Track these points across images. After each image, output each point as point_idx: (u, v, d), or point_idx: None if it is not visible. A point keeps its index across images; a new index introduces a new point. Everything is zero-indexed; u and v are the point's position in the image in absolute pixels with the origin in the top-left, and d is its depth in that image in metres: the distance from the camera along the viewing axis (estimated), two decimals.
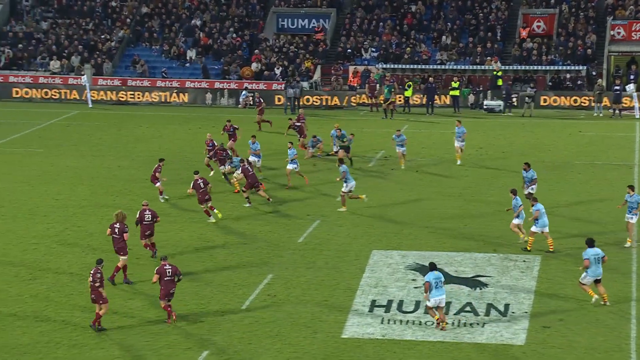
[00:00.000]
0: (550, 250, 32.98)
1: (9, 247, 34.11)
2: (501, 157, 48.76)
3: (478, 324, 27.27)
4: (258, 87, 66.03)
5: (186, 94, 66.41)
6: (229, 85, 66.73)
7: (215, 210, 37.13)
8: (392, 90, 60.69)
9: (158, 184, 39.99)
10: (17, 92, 66.81)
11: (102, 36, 71.61)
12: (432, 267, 27.00)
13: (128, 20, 73.14)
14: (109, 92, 66.63)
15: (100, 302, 26.54)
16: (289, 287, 30.24)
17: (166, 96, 66.24)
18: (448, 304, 27.99)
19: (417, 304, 28.50)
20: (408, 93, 62.98)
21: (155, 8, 74.14)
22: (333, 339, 26.24)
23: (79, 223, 37.01)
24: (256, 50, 69.42)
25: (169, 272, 27.11)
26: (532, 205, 33.28)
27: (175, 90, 66.37)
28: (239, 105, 65.32)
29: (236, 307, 28.60)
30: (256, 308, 28.53)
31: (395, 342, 26.03)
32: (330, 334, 26.48)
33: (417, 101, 63.68)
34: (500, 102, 62.63)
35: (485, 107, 62.98)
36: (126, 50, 71.27)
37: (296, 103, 63.51)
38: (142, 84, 67.13)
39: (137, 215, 32.41)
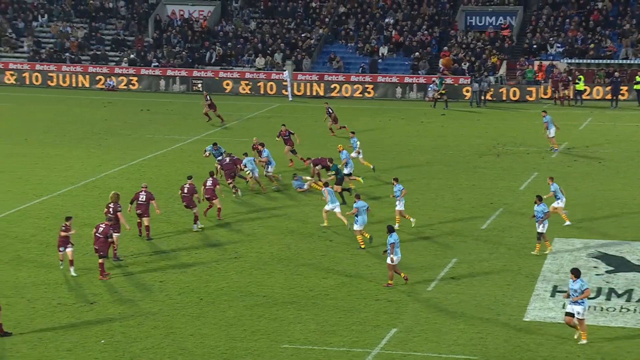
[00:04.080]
0: None
1: (217, 228, 35.09)
2: None
3: None
4: (446, 81, 65.71)
5: (377, 88, 66.76)
6: (417, 80, 66.60)
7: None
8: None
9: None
10: (227, 85, 68.80)
11: (303, 35, 72.78)
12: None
13: (327, 19, 74.05)
14: (307, 87, 67.72)
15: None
16: (473, 271, 29.97)
17: (359, 90, 66.77)
18: (630, 291, 27.08)
19: (599, 291, 27.73)
20: (579, 87, 61.75)
21: (351, 8, 74.79)
22: (515, 321, 25.85)
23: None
24: (445, 47, 69.09)
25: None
26: None
27: (367, 85, 66.76)
28: (427, 99, 65.12)
29: (422, 288, 28.57)
30: (441, 290, 28.41)
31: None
32: (512, 317, 26.10)
33: (599, 96, 62.36)
34: None
35: None
36: (324, 47, 72.19)
37: (482, 97, 62.80)
38: (337, 78, 67.85)
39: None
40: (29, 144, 48.82)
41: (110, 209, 31.37)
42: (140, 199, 32.95)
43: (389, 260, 28.40)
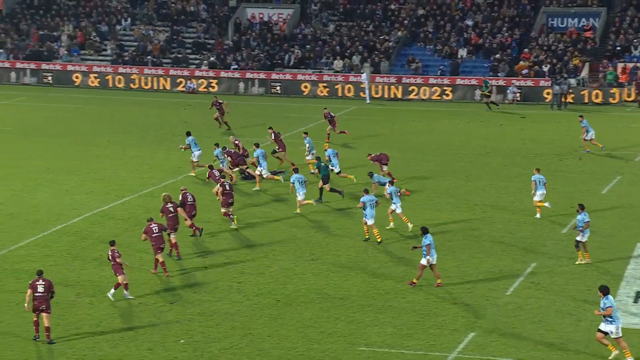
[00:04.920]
0: None
1: (294, 229, 35.22)
2: None
3: None
4: (525, 83, 65.05)
5: (456, 90, 66.32)
6: (497, 82, 65.98)
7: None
8: None
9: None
10: (305, 87, 69.06)
11: (381, 37, 72.68)
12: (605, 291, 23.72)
13: (405, 21, 73.84)
14: (385, 89, 67.60)
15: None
16: (553, 275, 29.57)
17: (438, 92, 66.43)
18: None
19: None
20: None
21: (430, 10, 74.46)
22: (596, 327, 25.41)
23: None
24: (525, 49, 68.34)
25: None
26: None
27: (445, 87, 66.35)
28: (507, 101, 64.46)
29: (501, 292, 28.29)
30: (520, 294, 28.09)
31: None
32: (593, 322, 25.64)
33: None
34: None
35: None
36: (402, 49, 71.97)
37: (562, 99, 61.94)
38: (415, 81, 67.58)
39: (180, 198, 33.06)
40: (111, 146, 49.63)
41: (170, 209, 31.55)
42: (189, 200, 33.28)
43: (423, 261, 28.28)
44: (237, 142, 43.44)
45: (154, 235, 29.54)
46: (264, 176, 40.30)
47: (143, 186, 40.96)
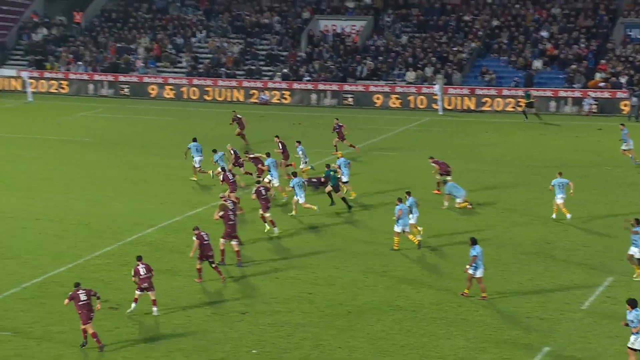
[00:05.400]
0: None
1: (361, 244, 35.17)
2: None
3: None
4: (602, 95, 64.20)
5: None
6: (572, 94, 65.14)
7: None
8: None
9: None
10: (378, 99, 69.03)
11: (455, 48, 72.33)
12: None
13: (479, 33, 73.38)
14: (458, 100, 67.22)
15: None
16: (630, 290, 29.00)
17: (512, 104, 65.81)
18: None
19: None
20: None
21: (505, 21, 73.89)
22: None
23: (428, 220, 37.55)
24: (602, 60, 67.38)
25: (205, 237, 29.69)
26: None
27: (520, 99, 65.70)
28: (583, 112, 63.63)
29: (576, 306, 27.86)
30: (596, 309, 27.64)
31: None
32: None
33: None
34: None
35: None
36: (476, 61, 71.52)
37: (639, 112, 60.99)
38: (489, 92, 67.07)
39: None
40: (185, 157, 50.11)
41: (231, 215, 31.79)
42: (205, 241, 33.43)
43: (470, 271, 28.10)
44: (233, 150, 43.97)
45: (204, 243, 29.85)
46: (275, 185, 39.99)
47: (216, 197, 41.24)
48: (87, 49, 77.96)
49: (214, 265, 30.10)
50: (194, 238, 29.97)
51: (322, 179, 40.50)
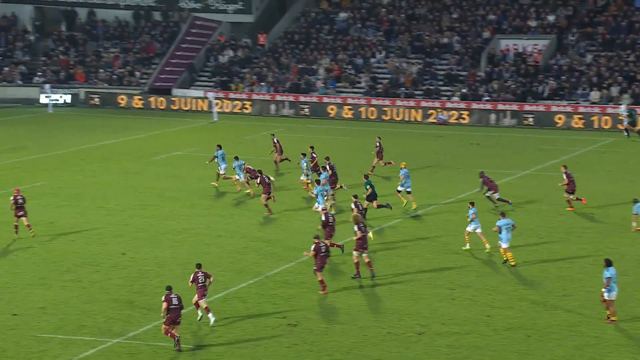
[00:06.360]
0: None
1: (545, 264, 34.41)
2: None
3: None
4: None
5: None
6: None
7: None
8: None
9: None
10: (559, 119, 67.56)
11: None
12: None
13: None
14: None
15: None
16: None
17: None
18: None
19: None
20: None
21: None
22: None
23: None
24: None
25: (323, 249, 30.32)
26: None
27: None
28: None
29: None
30: None
31: None
32: None
33: None
34: None
35: None
36: None
37: None
38: None
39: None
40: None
41: (362, 228, 32.14)
42: (329, 220, 34.43)
43: (605, 295, 27.35)
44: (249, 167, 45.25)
45: (321, 255, 30.46)
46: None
47: (389, 217, 41.29)
48: (270, 70, 79.85)
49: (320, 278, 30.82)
50: (312, 248, 30.68)
51: (369, 193, 40.19)
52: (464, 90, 72.91)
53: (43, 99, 77.78)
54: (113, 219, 40.63)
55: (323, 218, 34.77)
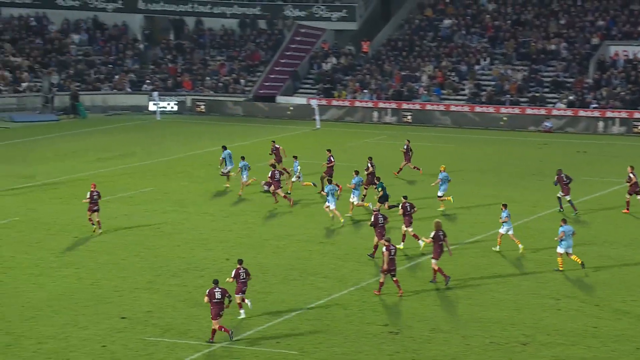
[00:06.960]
0: None
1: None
2: None
3: None
4: None
5: None
6: None
7: None
8: None
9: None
10: None
11: None
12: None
13: None
14: None
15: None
16: None
17: None
18: None
19: None
20: None
21: None
22: None
23: None
24: None
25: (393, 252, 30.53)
26: None
27: None
28: None
29: None
30: None
31: None
32: None
33: None
34: None
35: None
36: None
37: None
38: None
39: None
40: (465, 183, 50.04)
41: (441, 235, 32.37)
42: (379, 221, 34.81)
43: None
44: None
45: (390, 258, 30.67)
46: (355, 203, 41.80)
47: (493, 225, 40.82)
48: (372, 78, 79.85)
49: (394, 279, 31.03)
50: (383, 250, 30.86)
51: (380, 195, 41.32)
52: (570, 98, 71.62)
53: (151, 107, 79.28)
54: (217, 225, 41.17)
55: (372, 219, 35.24)
